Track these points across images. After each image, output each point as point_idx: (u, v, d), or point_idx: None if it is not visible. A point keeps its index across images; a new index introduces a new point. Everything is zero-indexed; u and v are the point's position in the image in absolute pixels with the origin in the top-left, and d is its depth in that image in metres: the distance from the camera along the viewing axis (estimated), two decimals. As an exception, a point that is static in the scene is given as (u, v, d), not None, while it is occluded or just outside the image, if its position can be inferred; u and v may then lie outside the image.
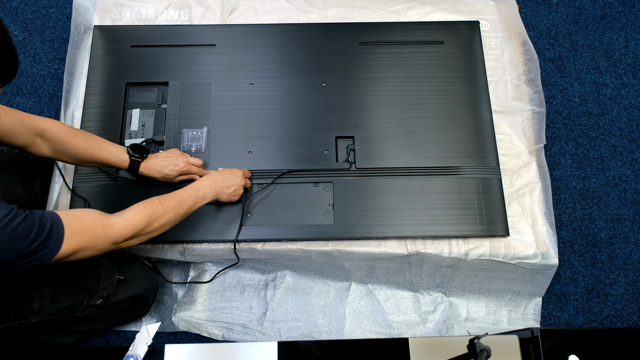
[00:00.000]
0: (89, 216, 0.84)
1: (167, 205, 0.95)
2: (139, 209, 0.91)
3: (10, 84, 1.52)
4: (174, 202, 0.97)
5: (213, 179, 1.08)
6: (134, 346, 0.86)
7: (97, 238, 0.83)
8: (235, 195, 1.13)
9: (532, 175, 1.26)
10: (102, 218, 0.85)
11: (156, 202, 0.93)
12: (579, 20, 1.64)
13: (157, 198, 0.95)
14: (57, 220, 0.78)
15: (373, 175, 1.22)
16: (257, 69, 1.30)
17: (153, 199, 0.94)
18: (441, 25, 1.37)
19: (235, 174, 1.12)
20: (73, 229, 0.80)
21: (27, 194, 1.15)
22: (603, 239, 1.40)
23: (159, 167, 1.10)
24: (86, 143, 1.02)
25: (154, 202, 0.93)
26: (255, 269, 1.31)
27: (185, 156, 1.14)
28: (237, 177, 1.12)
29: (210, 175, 1.09)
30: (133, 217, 0.89)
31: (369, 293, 1.29)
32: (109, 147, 1.06)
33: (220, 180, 1.09)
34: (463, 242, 1.19)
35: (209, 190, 1.05)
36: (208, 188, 1.05)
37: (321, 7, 1.42)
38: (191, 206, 1.01)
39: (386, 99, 1.28)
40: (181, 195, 0.99)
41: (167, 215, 0.94)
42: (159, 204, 0.93)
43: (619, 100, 1.54)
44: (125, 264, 1.15)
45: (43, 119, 0.98)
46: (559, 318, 1.33)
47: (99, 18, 1.38)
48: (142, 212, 0.91)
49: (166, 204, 0.94)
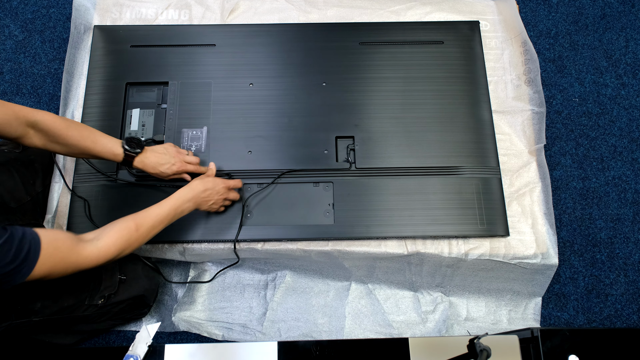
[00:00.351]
0: (66, 243, 0.83)
1: (143, 230, 0.94)
2: (114, 238, 0.90)
3: (10, 83, 1.52)
4: (151, 223, 0.96)
5: (194, 193, 1.06)
6: (134, 346, 0.86)
7: (68, 266, 0.84)
8: (214, 207, 1.12)
9: (532, 175, 1.26)
10: (77, 247, 0.85)
11: (132, 229, 0.92)
12: (579, 20, 1.64)
13: (134, 222, 0.93)
14: (36, 243, 0.78)
15: (373, 175, 1.22)
16: (257, 69, 1.30)
17: (130, 222, 0.93)
18: (441, 25, 1.37)
19: (218, 190, 1.10)
20: (48, 256, 0.79)
21: (28, 194, 1.15)
22: (603, 239, 1.40)
23: (154, 164, 1.09)
24: (79, 134, 1.01)
25: (130, 229, 0.92)
26: (255, 268, 1.31)
27: (181, 154, 1.13)
28: (218, 193, 1.10)
29: (191, 188, 1.06)
30: (107, 247, 0.89)
31: (369, 293, 1.29)
32: (103, 139, 1.04)
33: (201, 194, 1.07)
34: (463, 242, 1.19)
35: (187, 206, 1.04)
36: (187, 203, 1.04)
37: (321, 7, 1.42)
38: (169, 222, 1.01)
39: (386, 99, 1.28)
40: (159, 217, 0.98)
41: (141, 240, 0.95)
42: (135, 231, 0.93)
43: (619, 100, 1.54)
44: (127, 264, 1.15)
45: (36, 111, 0.97)
46: (559, 318, 1.33)
47: (99, 18, 1.38)
48: (117, 241, 0.90)
49: (142, 229, 0.94)
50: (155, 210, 0.98)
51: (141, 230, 0.94)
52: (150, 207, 0.98)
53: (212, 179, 1.10)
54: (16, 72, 1.53)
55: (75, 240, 0.85)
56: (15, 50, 1.56)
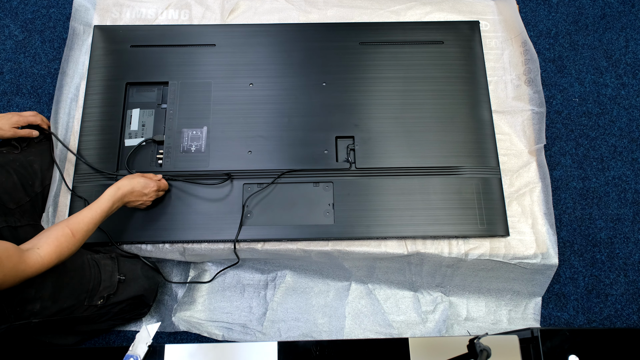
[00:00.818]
0: (16, 253, 0.85)
1: (79, 236, 0.96)
2: (54, 246, 0.91)
3: (10, 83, 1.52)
4: (85, 228, 0.97)
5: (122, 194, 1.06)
6: (134, 346, 0.86)
7: (18, 274, 0.85)
8: (143, 206, 1.14)
9: (532, 175, 1.26)
10: (23, 256, 0.86)
11: (69, 235, 0.94)
12: (579, 20, 1.64)
13: (69, 228, 0.95)
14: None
15: (373, 175, 1.22)
16: (257, 69, 1.30)
17: (65, 229, 0.94)
18: (441, 25, 1.37)
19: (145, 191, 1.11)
20: (1, 265, 0.80)
21: (27, 195, 1.15)
22: (603, 239, 1.40)
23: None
24: None
25: (67, 236, 0.94)
26: (255, 268, 1.31)
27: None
28: (148, 194, 1.12)
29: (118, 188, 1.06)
30: (49, 255, 0.90)
31: (369, 293, 1.29)
32: None
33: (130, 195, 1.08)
34: (463, 242, 1.19)
35: (117, 206, 1.06)
36: (117, 203, 1.05)
37: (321, 7, 1.42)
38: (100, 223, 1.02)
39: (386, 99, 1.28)
40: (93, 220, 0.99)
41: (78, 244, 0.96)
42: (72, 237, 0.94)
43: (619, 100, 1.54)
44: (126, 264, 1.15)
45: None
46: (559, 318, 1.33)
47: (99, 18, 1.38)
48: (56, 249, 0.91)
49: (78, 235, 0.95)
50: (88, 214, 0.99)
51: (77, 236, 0.95)
52: (82, 211, 0.99)
53: (139, 179, 1.10)
54: (16, 72, 1.53)
55: (20, 250, 0.87)
56: (15, 50, 1.56)
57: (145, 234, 1.17)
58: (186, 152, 1.22)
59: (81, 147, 1.23)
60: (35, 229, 1.12)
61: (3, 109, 1.49)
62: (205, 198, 1.19)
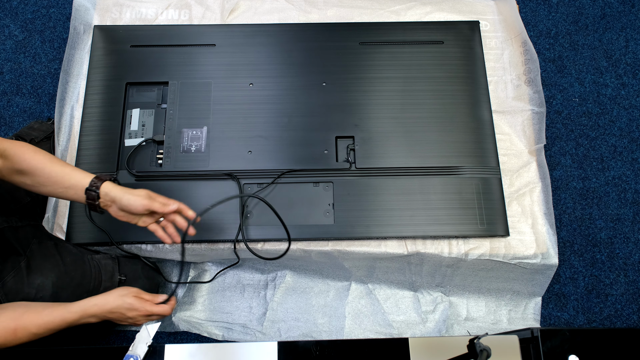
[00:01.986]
0: None
1: (22, 336, 0.86)
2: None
3: (10, 83, 1.52)
4: (34, 330, 0.87)
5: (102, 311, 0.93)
6: (134, 346, 0.86)
7: None
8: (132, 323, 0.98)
9: (532, 175, 1.26)
10: None
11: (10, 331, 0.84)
12: (579, 20, 1.64)
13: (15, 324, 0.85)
14: None
15: (373, 175, 1.22)
16: (257, 69, 1.30)
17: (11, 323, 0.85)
18: (441, 25, 1.37)
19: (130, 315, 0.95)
20: None
21: (28, 194, 1.15)
22: (603, 239, 1.40)
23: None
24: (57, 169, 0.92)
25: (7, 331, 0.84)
26: (255, 268, 1.31)
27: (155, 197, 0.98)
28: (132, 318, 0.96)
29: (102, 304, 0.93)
30: None
31: (368, 293, 1.29)
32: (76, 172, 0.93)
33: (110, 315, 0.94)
34: (463, 242, 1.19)
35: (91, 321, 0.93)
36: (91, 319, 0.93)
37: (321, 7, 1.42)
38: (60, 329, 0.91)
39: (386, 99, 1.28)
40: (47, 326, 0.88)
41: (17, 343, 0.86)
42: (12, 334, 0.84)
43: (619, 100, 1.54)
44: (127, 264, 1.15)
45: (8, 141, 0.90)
46: (559, 318, 1.33)
47: (99, 18, 1.38)
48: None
49: (20, 334, 0.85)
50: (46, 318, 0.88)
51: (19, 335, 0.86)
52: (45, 309, 0.89)
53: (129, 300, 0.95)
54: (16, 72, 1.53)
55: None
56: (15, 50, 1.56)
57: (145, 234, 1.16)
58: (186, 152, 1.22)
59: (81, 147, 1.23)
60: (36, 229, 1.12)
61: (3, 109, 1.49)
62: (205, 198, 1.19)
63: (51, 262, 1.06)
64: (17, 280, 1.01)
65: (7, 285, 1.00)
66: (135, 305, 0.95)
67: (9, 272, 1.00)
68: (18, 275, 1.01)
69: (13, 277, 1.00)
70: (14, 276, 1.01)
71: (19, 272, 1.02)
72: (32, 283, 1.02)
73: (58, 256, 1.07)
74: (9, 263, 1.02)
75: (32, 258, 1.04)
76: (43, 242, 1.08)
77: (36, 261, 1.05)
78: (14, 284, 1.00)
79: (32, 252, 1.05)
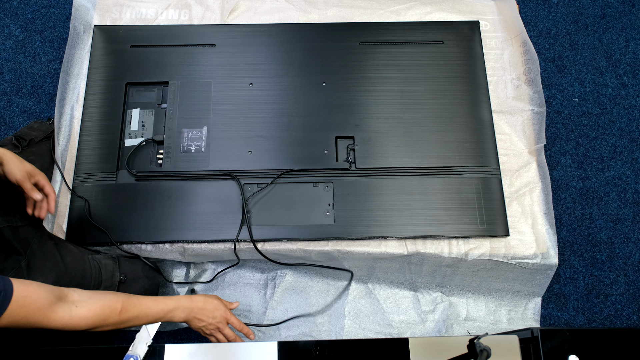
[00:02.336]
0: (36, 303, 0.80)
1: (125, 317, 0.90)
2: (93, 313, 0.86)
3: (10, 83, 1.52)
4: (137, 313, 0.92)
5: (192, 306, 1.01)
6: (134, 346, 0.86)
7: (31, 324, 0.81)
8: (203, 331, 1.05)
9: (532, 175, 1.26)
10: (47, 308, 0.81)
11: (116, 310, 0.89)
12: (579, 20, 1.64)
13: (121, 304, 0.89)
14: (8, 296, 0.76)
15: (373, 175, 1.22)
16: (257, 69, 1.30)
17: (117, 303, 0.89)
18: (441, 25, 1.37)
19: (216, 313, 1.04)
20: (17, 309, 0.77)
21: (27, 194, 1.15)
22: (603, 239, 1.40)
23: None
24: None
25: (113, 310, 0.89)
26: (255, 267, 1.31)
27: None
28: (215, 318, 1.04)
29: (192, 299, 1.02)
30: (81, 319, 0.86)
31: (368, 292, 1.29)
32: None
33: (198, 311, 1.03)
34: (463, 242, 1.19)
35: (179, 315, 0.99)
36: (181, 313, 0.99)
37: (321, 7, 1.42)
38: (155, 320, 0.95)
39: (386, 99, 1.28)
40: (149, 310, 0.94)
41: (119, 323, 0.91)
42: (117, 314, 0.89)
43: (619, 100, 1.54)
44: (127, 265, 1.15)
45: None
46: (559, 318, 1.33)
47: (99, 18, 1.38)
48: (94, 317, 0.87)
49: (125, 315, 0.90)
50: (148, 302, 0.95)
51: (124, 315, 0.90)
52: (146, 297, 0.96)
53: (217, 302, 1.06)
54: (16, 72, 1.53)
55: (49, 301, 0.82)
56: (15, 50, 1.56)
57: (145, 234, 1.17)
58: (186, 152, 1.22)
59: (81, 147, 1.23)
60: (37, 228, 1.12)
61: (3, 109, 1.49)
62: (205, 198, 1.19)
63: (51, 262, 1.06)
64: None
65: (8, 285, 1.00)
66: (219, 303, 1.05)
67: (9, 271, 1.00)
68: (18, 274, 1.01)
69: (13, 277, 1.00)
70: (14, 275, 1.00)
71: (20, 272, 1.01)
72: (32, 281, 1.02)
73: (58, 256, 1.07)
74: (9, 262, 1.02)
75: (32, 257, 1.04)
76: (43, 242, 1.08)
77: (36, 261, 1.05)
78: None
79: (33, 251, 1.05)
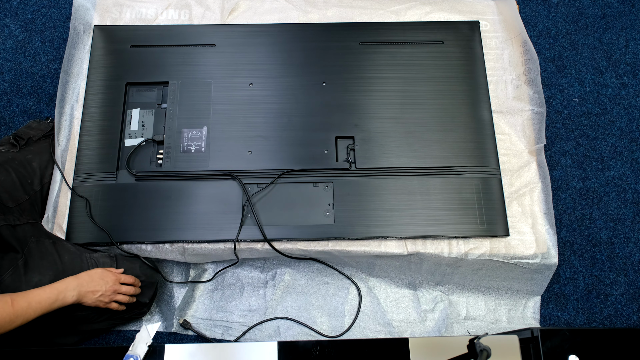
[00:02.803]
0: None
1: (17, 307, 0.90)
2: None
3: (10, 83, 1.52)
4: (26, 302, 0.91)
5: (79, 282, 1.01)
6: (134, 346, 0.86)
7: None
8: (101, 301, 1.05)
9: (532, 175, 1.26)
10: None
11: (8, 302, 0.89)
12: (579, 20, 1.64)
13: (9, 295, 0.90)
14: None
15: (373, 175, 1.22)
16: (257, 69, 1.30)
17: (6, 295, 0.90)
18: (441, 25, 1.37)
19: (106, 279, 1.05)
20: None
21: (26, 193, 1.15)
22: (603, 239, 1.40)
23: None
24: None
25: (4, 301, 0.88)
26: (255, 267, 1.31)
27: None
28: (108, 283, 1.05)
29: (76, 277, 1.02)
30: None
31: (368, 291, 1.29)
32: None
33: (87, 284, 1.02)
34: (463, 242, 1.19)
35: (71, 295, 0.99)
36: (72, 292, 0.99)
37: (321, 7, 1.42)
38: (48, 307, 0.95)
39: (386, 99, 1.28)
40: (37, 298, 0.94)
41: (14, 320, 0.90)
42: (10, 306, 0.89)
43: (619, 100, 1.54)
44: (125, 264, 1.15)
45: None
46: (559, 318, 1.33)
47: (99, 18, 1.38)
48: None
49: (17, 305, 0.90)
50: (37, 290, 0.95)
51: (16, 305, 0.90)
52: (33, 289, 0.95)
53: (101, 270, 1.06)
54: (16, 72, 1.53)
55: None
56: (15, 50, 1.56)
57: (145, 234, 1.17)
58: (186, 152, 1.22)
59: (81, 147, 1.23)
60: (35, 227, 1.12)
61: (3, 109, 1.49)
62: (205, 198, 1.19)
63: (49, 261, 1.06)
64: (15, 278, 1.01)
65: (5, 282, 1.00)
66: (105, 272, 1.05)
67: (6, 269, 1.01)
68: (16, 273, 1.01)
69: (10, 275, 1.00)
70: (12, 274, 1.01)
71: (17, 270, 1.02)
72: (29, 281, 1.02)
73: (56, 254, 1.07)
74: (6, 261, 1.02)
75: (30, 256, 1.04)
76: (41, 241, 1.08)
77: (34, 259, 1.05)
78: (12, 281, 1.00)
79: (30, 250, 1.05)
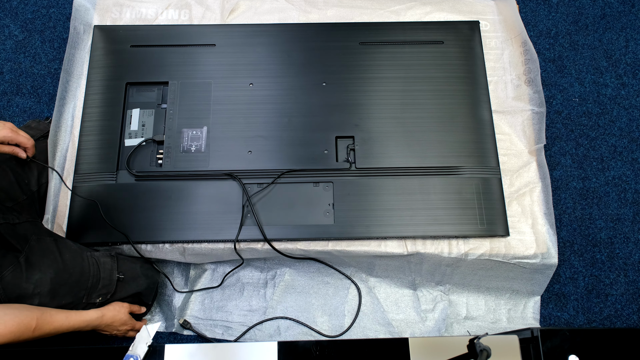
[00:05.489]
0: None
1: (37, 334, 0.92)
2: (9, 330, 0.87)
3: (10, 83, 1.52)
4: (47, 330, 0.95)
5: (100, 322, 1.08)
6: (134, 346, 0.86)
7: None
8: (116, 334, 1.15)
9: (532, 175, 1.26)
10: None
11: (30, 328, 0.90)
12: (579, 20, 1.64)
13: (35, 321, 0.91)
14: None
15: (373, 175, 1.22)
16: (257, 69, 1.30)
17: (32, 320, 0.91)
18: (441, 25, 1.37)
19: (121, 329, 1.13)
20: None
21: (23, 193, 1.15)
22: (603, 239, 1.40)
23: None
24: None
25: (28, 327, 0.90)
26: (255, 267, 1.31)
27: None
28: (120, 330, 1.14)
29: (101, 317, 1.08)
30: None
31: (368, 291, 1.29)
32: None
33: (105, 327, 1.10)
34: (463, 242, 1.19)
35: (88, 328, 1.06)
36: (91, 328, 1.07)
37: (321, 7, 1.42)
38: (66, 331, 1.00)
39: (386, 99, 1.28)
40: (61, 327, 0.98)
41: (31, 339, 0.92)
42: (31, 332, 0.91)
43: (619, 100, 1.54)
44: (126, 263, 1.15)
45: None
46: (559, 318, 1.33)
47: (99, 18, 1.38)
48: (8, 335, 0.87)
49: (38, 332, 0.92)
50: (61, 319, 0.98)
51: (37, 332, 0.92)
52: (60, 312, 0.98)
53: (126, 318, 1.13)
54: (16, 72, 1.53)
55: None
56: (15, 50, 1.56)
57: (145, 234, 1.17)
58: (186, 152, 1.22)
59: (81, 147, 1.23)
60: (35, 225, 1.12)
61: (3, 109, 1.49)
62: (206, 198, 1.19)
63: (50, 258, 1.06)
64: (16, 275, 1.01)
65: (5, 280, 1.00)
66: (126, 319, 1.13)
67: (7, 267, 1.00)
68: (16, 270, 1.01)
69: (11, 272, 1.00)
70: (12, 271, 1.01)
71: (18, 267, 1.01)
72: (30, 278, 1.02)
73: (57, 252, 1.07)
74: (7, 259, 1.02)
75: (30, 254, 1.04)
76: (42, 238, 1.08)
77: (35, 257, 1.05)
78: (12, 278, 1.00)
79: (31, 248, 1.05)
